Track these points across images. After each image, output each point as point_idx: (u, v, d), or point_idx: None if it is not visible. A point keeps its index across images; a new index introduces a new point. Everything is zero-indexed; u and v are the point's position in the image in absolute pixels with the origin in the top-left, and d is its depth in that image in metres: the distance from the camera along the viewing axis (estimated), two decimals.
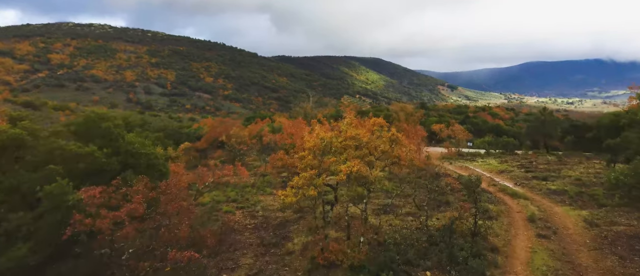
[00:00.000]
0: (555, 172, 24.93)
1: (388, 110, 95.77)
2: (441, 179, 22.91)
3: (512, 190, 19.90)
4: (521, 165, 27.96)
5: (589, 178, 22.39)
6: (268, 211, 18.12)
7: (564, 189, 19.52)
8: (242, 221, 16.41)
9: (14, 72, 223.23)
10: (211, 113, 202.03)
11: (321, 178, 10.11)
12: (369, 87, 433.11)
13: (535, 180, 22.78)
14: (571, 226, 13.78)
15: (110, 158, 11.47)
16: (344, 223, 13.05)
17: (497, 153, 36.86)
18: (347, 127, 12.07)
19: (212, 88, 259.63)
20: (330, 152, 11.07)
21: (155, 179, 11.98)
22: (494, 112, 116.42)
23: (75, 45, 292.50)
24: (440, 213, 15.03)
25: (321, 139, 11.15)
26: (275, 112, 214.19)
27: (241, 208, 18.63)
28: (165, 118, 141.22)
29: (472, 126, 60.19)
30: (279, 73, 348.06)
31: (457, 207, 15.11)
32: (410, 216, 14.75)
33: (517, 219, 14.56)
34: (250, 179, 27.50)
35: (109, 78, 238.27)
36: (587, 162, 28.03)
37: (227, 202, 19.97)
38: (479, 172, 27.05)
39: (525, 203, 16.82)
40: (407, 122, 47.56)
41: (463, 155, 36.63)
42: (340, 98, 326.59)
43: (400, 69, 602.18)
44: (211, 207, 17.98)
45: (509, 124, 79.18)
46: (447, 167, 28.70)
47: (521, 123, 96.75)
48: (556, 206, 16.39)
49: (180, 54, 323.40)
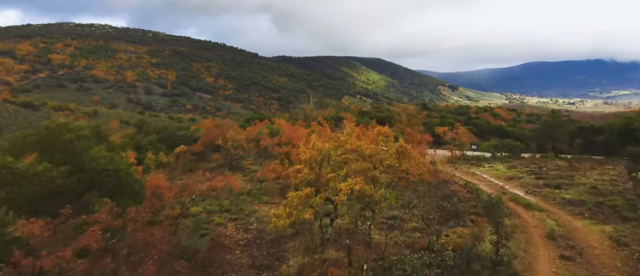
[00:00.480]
0: (568, 178, 23.60)
1: (389, 111, 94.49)
2: (448, 186, 21.61)
3: (525, 199, 18.58)
4: (531, 170, 26.62)
5: (605, 186, 21.06)
6: (263, 223, 16.82)
7: (580, 199, 18.20)
8: (234, 235, 15.10)
9: (14, 72, 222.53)
10: (212, 113, 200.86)
11: (319, 197, 8.85)
12: (370, 87, 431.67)
13: (547, 188, 21.46)
14: (596, 245, 12.46)
15: (69, 178, 9.96)
16: (344, 240, 11.76)
17: (503, 157, 35.54)
18: (347, 138, 10.71)
19: (212, 88, 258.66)
20: (328, 165, 9.79)
21: (127, 199, 10.51)
22: (496, 112, 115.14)
23: (75, 46, 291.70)
24: (449, 229, 13.68)
25: (318, 150, 9.88)
26: (276, 112, 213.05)
27: (234, 220, 17.32)
28: (165, 119, 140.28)
29: (475, 127, 58.89)
30: (280, 74, 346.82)
31: (468, 221, 13.79)
32: (417, 231, 13.41)
33: (535, 236, 13.24)
34: (247, 185, 26.25)
35: (110, 79, 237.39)
36: (600, 167, 26.67)
37: (220, 212, 18.67)
38: (486, 177, 25.74)
39: (541, 216, 15.50)
40: (410, 124, 46.25)
41: (468, 159, 35.35)
42: (341, 98, 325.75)
43: (401, 69, 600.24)
44: (199, 220, 16.66)
45: (511, 125, 78.03)
46: (453, 172, 27.39)
47: (524, 124, 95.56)
48: (575, 219, 15.06)
49: (181, 54, 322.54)
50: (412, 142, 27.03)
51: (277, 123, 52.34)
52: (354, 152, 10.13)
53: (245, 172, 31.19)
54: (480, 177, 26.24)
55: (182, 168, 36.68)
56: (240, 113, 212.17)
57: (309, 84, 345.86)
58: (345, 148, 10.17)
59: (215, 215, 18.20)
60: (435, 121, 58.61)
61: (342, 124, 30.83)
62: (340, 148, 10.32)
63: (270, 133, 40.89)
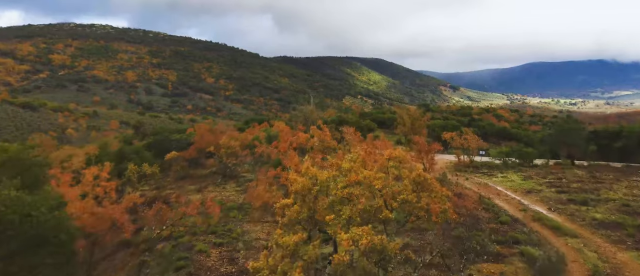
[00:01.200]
0: (593, 192, 21.34)
1: (391, 113, 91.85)
2: (462, 198, 19.35)
3: (551, 220, 16.35)
4: (550, 183, 24.36)
5: (637, 202, 18.81)
6: (252, 249, 14.67)
7: (615, 221, 15.96)
8: (216, 268, 12.91)
9: (15, 72, 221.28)
10: (212, 114, 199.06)
11: (312, 246, 6.71)
12: (371, 87, 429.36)
13: (572, 205, 19.22)
14: None
15: None
16: None
17: (515, 165, 33.22)
18: (351, 166, 8.45)
19: (213, 89, 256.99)
20: (327, 198, 7.65)
21: (46, 255, 8.15)
22: (499, 113, 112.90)
23: (76, 46, 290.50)
24: (473, 265, 11.38)
25: (312, 178, 7.74)
26: (277, 113, 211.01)
27: (219, 245, 15.14)
28: (165, 119, 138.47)
29: (479, 129, 56.86)
30: (281, 74, 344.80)
31: (496, 252, 11.57)
32: (433, 268, 11.17)
33: (576, 274, 11.00)
34: (240, 196, 24.13)
35: (110, 79, 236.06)
36: (627, 179, 24.38)
37: (206, 233, 16.48)
38: (501, 190, 23.52)
39: (576, 245, 13.24)
40: (413, 127, 43.70)
41: (477, 166, 33.07)
42: (342, 99, 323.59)
43: (402, 69, 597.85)
44: (180, 245, 14.50)
45: (515, 127, 75.80)
46: (463, 182, 25.17)
47: (527, 125, 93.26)
48: (618, 250, 12.81)
49: (182, 55, 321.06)
50: (420, 151, 24.84)
51: (275, 126, 50.16)
52: (359, 184, 7.93)
53: (240, 181, 29.11)
54: (493, 189, 24.03)
55: (174, 176, 34.61)
56: (241, 114, 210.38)
57: (309, 85, 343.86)
58: (348, 179, 7.95)
59: (199, 237, 16.04)
60: (438, 123, 56.63)
61: (344, 143, 28.38)
62: (342, 178, 8.10)
63: (267, 137, 38.74)
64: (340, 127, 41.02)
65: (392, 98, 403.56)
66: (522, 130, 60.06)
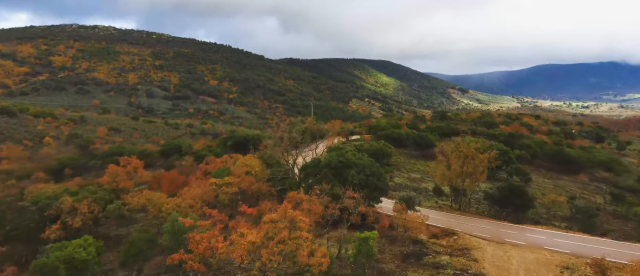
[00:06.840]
0: None
1: (407, 122, 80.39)
2: None
3: None
4: None
5: None
6: None
7: None
8: None
9: (14, 74, 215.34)
10: (214, 117, 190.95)
11: None
12: (379, 90, 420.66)
13: None
14: None
15: None
16: None
17: None
18: None
19: (216, 91, 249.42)
20: None
21: None
22: (526, 122, 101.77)
23: (78, 47, 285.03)
24: None
25: None
26: (281, 116, 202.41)
27: None
28: (160, 125, 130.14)
29: (527, 150, 45.80)
30: (286, 76, 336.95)
31: None
32: None
33: None
34: None
35: (111, 81, 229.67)
36: None
37: None
38: None
39: None
40: (467, 169, 28.65)
41: None
42: (348, 102, 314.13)
43: (410, 71, 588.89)
44: None
45: (557, 143, 64.69)
46: None
47: (567, 139, 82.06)
48: None
49: (185, 56, 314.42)
50: None
51: (240, 165, 36.63)
52: None
53: None
54: None
55: None
56: (244, 118, 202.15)
57: (315, 87, 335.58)
58: None
59: None
60: (469, 139, 45.00)
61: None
62: None
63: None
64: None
65: (401, 100, 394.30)
66: (586, 152, 48.88)
